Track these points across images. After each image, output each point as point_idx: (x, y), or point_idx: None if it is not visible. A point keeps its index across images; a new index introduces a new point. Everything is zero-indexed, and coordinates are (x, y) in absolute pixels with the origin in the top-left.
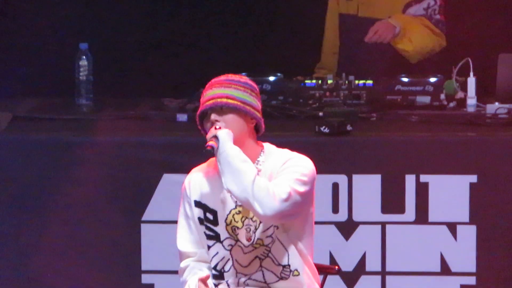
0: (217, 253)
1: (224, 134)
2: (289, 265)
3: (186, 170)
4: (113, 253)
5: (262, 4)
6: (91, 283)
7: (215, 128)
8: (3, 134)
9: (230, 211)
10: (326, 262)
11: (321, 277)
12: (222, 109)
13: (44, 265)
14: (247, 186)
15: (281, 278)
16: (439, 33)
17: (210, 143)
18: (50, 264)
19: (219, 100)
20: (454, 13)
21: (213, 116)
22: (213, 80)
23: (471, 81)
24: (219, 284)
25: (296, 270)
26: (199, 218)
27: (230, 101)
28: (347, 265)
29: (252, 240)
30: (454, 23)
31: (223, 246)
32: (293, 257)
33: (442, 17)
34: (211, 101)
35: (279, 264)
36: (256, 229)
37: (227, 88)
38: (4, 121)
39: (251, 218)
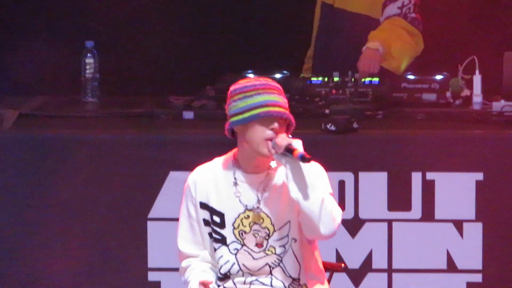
0: (222, 256)
1: (301, 145)
2: (298, 279)
3: (193, 168)
4: (120, 250)
5: (269, 2)
6: (97, 280)
7: (287, 136)
8: (9, 131)
9: (239, 215)
10: (332, 259)
11: (327, 275)
12: (281, 118)
13: (50, 262)
14: (316, 203)
15: None
16: (416, 32)
17: (302, 150)
18: (56, 260)
19: (287, 112)
20: (458, 11)
21: (277, 125)
22: (263, 82)
23: (477, 78)
24: (224, 283)
25: (305, 285)
26: (204, 220)
27: (289, 113)
28: (354, 262)
29: (264, 246)
30: (459, 21)
31: (229, 250)
32: (304, 272)
33: (417, 15)
34: (278, 109)
35: (290, 276)
36: (269, 236)
37: (283, 97)
38: (10, 118)
39: (260, 224)
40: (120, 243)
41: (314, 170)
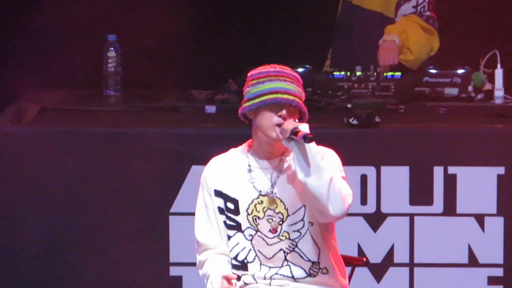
0: (238, 243)
1: (307, 128)
2: (318, 263)
3: None
4: (141, 245)
5: None
6: (119, 275)
7: (294, 121)
8: (30, 125)
9: (252, 201)
10: (354, 254)
11: (349, 269)
12: (291, 106)
13: (71, 257)
14: (324, 184)
15: (310, 275)
16: (432, 30)
17: (307, 132)
18: (78, 255)
19: (296, 99)
20: (480, 5)
21: (285, 112)
22: (278, 69)
23: (499, 73)
24: (242, 275)
25: (326, 268)
26: (219, 208)
27: (299, 101)
28: (375, 257)
29: (278, 232)
30: (480, 15)
31: (244, 236)
32: (324, 255)
33: (432, 14)
34: (287, 96)
35: (309, 260)
36: (282, 221)
37: (296, 86)
38: (32, 112)
39: (274, 210)
40: (142, 238)
41: (321, 152)
